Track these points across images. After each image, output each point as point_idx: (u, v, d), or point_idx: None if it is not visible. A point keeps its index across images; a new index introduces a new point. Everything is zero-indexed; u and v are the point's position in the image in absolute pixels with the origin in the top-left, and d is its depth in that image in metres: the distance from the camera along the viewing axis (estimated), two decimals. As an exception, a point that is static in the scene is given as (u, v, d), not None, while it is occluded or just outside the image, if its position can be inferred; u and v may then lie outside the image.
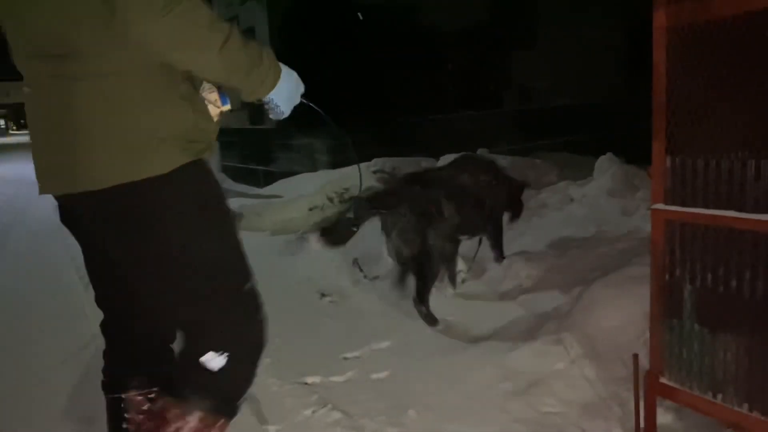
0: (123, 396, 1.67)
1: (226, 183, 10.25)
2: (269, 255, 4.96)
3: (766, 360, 1.83)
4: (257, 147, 11.33)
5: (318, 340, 3.26)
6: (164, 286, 1.47)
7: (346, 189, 6.36)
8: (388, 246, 3.29)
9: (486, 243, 3.80)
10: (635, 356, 2.10)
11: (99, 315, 1.74)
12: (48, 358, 3.29)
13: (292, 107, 1.57)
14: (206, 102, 1.51)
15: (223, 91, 1.53)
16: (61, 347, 3.41)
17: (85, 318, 3.87)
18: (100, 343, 1.74)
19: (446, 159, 5.61)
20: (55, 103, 1.37)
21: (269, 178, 9.79)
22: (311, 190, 6.73)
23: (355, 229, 3.24)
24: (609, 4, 13.71)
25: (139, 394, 1.67)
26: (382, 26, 10.60)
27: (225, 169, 11.85)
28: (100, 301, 1.72)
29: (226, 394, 1.51)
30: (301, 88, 1.58)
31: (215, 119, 1.53)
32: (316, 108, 1.65)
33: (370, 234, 5.09)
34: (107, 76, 1.34)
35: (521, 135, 10.56)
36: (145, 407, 1.66)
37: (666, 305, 2.07)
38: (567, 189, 4.92)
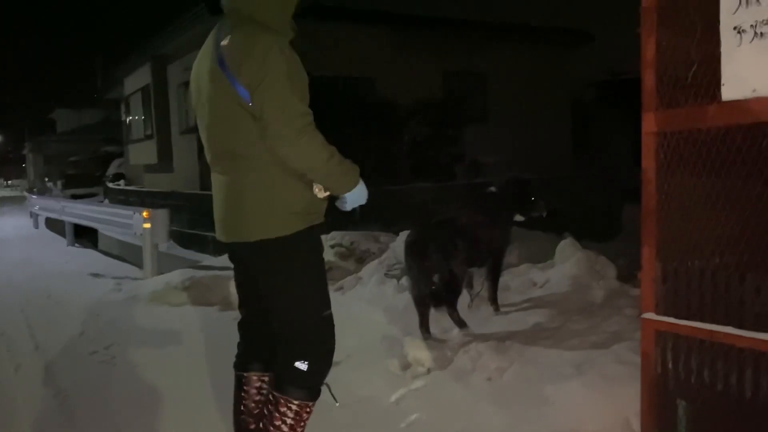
0: (245, 374, 2.42)
1: (174, 249, 9.87)
2: (218, 333, 4.66)
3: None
4: (207, 212, 11.02)
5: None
6: (285, 304, 2.23)
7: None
8: (416, 283, 4.06)
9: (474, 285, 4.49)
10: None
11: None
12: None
13: (354, 205, 2.27)
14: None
15: None
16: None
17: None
18: None
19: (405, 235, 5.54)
20: (232, 185, 2.20)
21: (219, 245, 9.47)
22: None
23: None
24: (558, 84, 14.26)
25: (255, 375, 2.43)
26: (339, 99, 10.65)
27: (172, 235, 11.46)
28: (242, 307, 2.51)
29: (312, 384, 2.23)
30: (366, 195, 2.28)
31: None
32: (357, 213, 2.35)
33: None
34: (263, 170, 2.12)
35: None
36: (257, 384, 2.42)
37: (658, 421, 1.96)
38: (529, 273, 4.86)
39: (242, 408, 2.43)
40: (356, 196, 2.25)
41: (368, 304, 4.95)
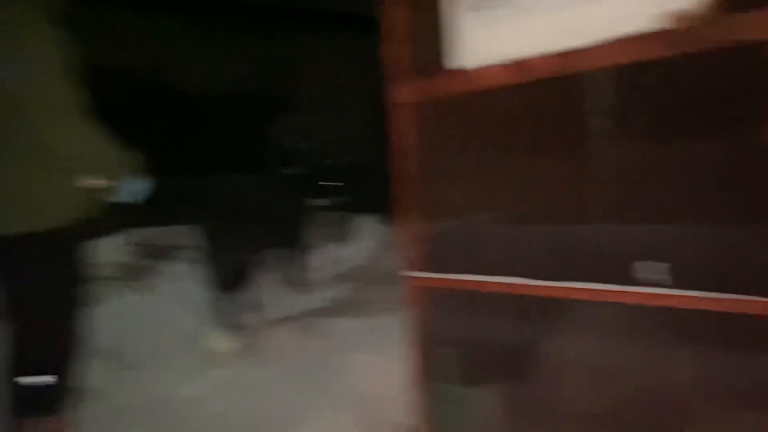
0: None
1: None
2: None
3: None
4: None
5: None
6: (32, 307, 1.99)
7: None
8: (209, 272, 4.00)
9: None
10: None
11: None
12: None
13: (130, 196, 2.16)
14: None
15: None
16: None
17: None
18: None
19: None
20: None
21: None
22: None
23: None
24: (363, 74, 14.66)
25: None
26: (132, 90, 10.02)
27: None
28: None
29: (56, 398, 2.03)
30: (145, 188, 2.22)
31: None
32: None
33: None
34: (20, 153, 1.88)
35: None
36: None
37: (429, 372, 2.10)
38: (328, 251, 4.98)
39: None
40: (132, 185, 2.14)
41: (168, 301, 4.76)
